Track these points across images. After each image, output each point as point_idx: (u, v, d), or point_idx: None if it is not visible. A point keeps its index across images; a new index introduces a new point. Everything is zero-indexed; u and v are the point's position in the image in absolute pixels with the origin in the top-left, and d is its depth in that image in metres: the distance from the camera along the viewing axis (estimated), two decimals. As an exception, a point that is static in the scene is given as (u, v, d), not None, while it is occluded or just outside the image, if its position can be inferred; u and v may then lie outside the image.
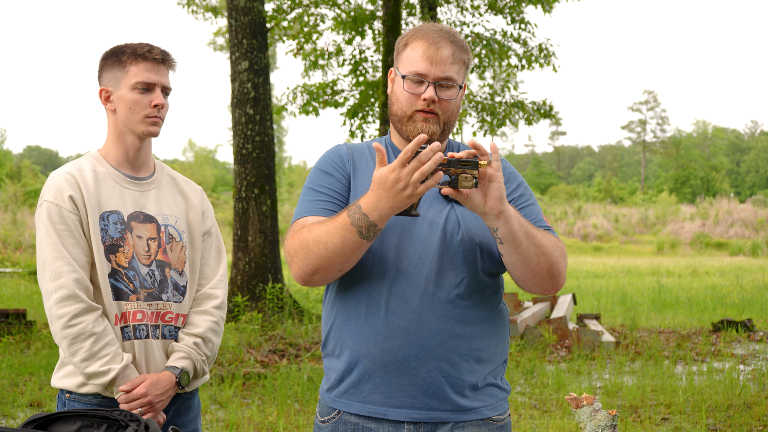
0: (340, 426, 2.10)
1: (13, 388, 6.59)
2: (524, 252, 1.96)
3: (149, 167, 2.52)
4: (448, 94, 2.06)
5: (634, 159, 78.00)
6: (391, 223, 2.04)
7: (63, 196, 2.32)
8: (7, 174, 41.03)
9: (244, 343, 8.21)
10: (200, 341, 2.44)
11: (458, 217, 2.06)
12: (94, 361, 2.27)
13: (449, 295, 2.02)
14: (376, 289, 2.04)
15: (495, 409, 2.10)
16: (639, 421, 5.92)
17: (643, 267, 21.84)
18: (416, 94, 2.05)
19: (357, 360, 2.06)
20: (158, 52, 2.40)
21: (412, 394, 2.03)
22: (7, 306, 11.03)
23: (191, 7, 13.88)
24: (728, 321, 10.43)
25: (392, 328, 2.02)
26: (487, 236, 2.06)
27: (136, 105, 2.38)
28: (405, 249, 2.04)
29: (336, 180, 2.11)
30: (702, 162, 64.46)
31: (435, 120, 2.06)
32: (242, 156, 10.08)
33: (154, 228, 2.43)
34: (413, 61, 2.05)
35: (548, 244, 1.99)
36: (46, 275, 2.29)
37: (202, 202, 2.59)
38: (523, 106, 11.82)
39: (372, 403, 2.06)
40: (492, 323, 2.10)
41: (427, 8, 11.16)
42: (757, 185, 64.73)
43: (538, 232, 2.00)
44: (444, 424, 2.04)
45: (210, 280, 2.54)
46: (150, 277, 2.39)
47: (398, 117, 2.09)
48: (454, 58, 2.05)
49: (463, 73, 2.10)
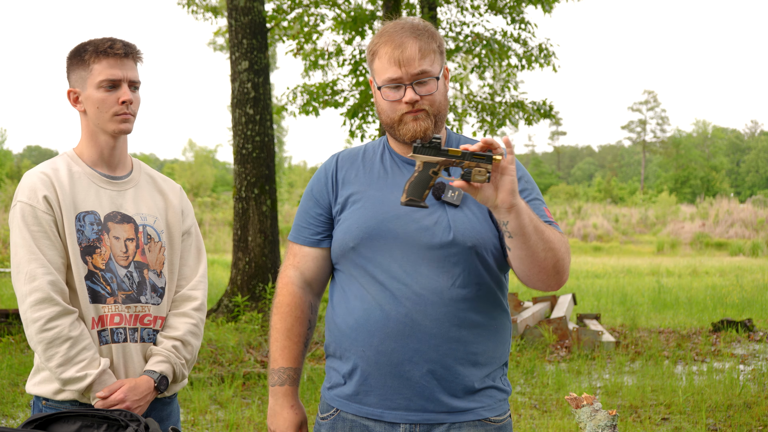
0: (338, 423, 2.12)
1: (13, 388, 6.59)
2: (533, 247, 1.93)
3: (126, 166, 2.44)
4: (427, 88, 2.05)
5: (634, 159, 78.00)
6: (383, 227, 2.06)
7: (37, 197, 2.25)
8: (7, 174, 41.01)
9: (244, 343, 8.21)
10: (179, 344, 2.38)
11: (449, 220, 2.04)
12: (70, 367, 2.20)
13: (441, 299, 2.02)
14: (370, 293, 2.06)
15: (493, 410, 2.09)
16: (639, 421, 5.92)
17: (643, 267, 21.83)
18: (397, 100, 2.05)
19: (354, 362, 2.08)
20: (120, 47, 2.31)
21: (407, 397, 2.03)
22: (7, 306, 11.02)
23: (191, 7, 13.89)
24: (728, 321, 10.42)
25: (386, 331, 2.03)
26: (481, 238, 2.04)
27: (103, 104, 2.31)
28: (395, 252, 2.04)
29: (319, 206, 2.20)
30: (702, 162, 64.44)
31: (424, 115, 2.06)
32: (242, 156, 10.08)
33: (132, 228, 2.36)
34: (383, 69, 2.06)
35: (555, 240, 1.97)
36: (21, 278, 2.22)
37: (182, 200, 2.52)
38: (523, 106, 11.82)
39: (368, 405, 2.07)
40: (490, 326, 2.08)
41: (427, 8, 11.15)
42: (757, 185, 64.72)
43: (546, 227, 1.98)
44: (440, 425, 2.04)
45: (189, 281, 2.47)
46: (128, 279, 2.33)
47: (389, 125, 2.10)
48: (422, 52, 2.05)
49: (438, 60, 2.09)
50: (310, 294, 2.24)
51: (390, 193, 2.10)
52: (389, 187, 2.11)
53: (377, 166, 2.17)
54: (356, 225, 2.09)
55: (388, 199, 2.09)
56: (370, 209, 2.09)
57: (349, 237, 2.10)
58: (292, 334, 2.22)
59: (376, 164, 2.17)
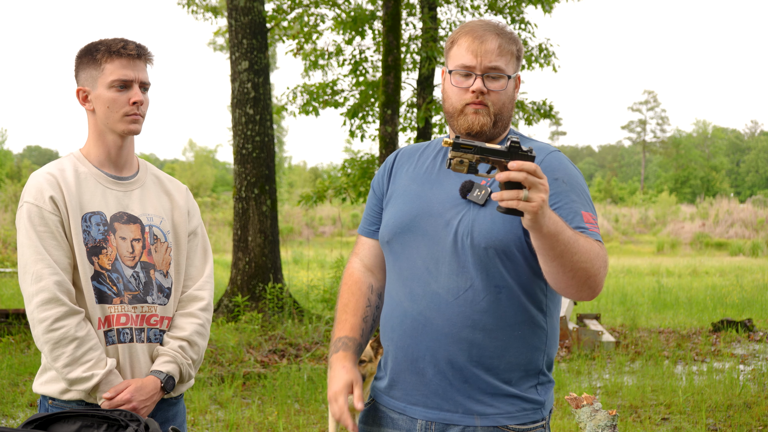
0: (371, 412, 2.19)
1: (13, 388, 6.59)
2: (556, 264, 1.85)
3: (133, 166, 2.45)
4: (497, 85, 2.04)
5: (634, 159, 77.98)
6: (414, 223, 2.07)
7: (44, 197, 2.26)
8: (7, 174, 40.99)
9: (244, 343, 8.21)
10: (186, 345, 2.38)
11: (472, 219, 2.00)
12: (76, 367, 2.21)
13: (458, 299, 2.00)
14: (395, 288, 2.10)
15: (513, 419, 2.03)
16: (639, 421, 5.92)
17: (643, 267, 21.82)
18: (464, 87, 2.04)
19: (386, 356, 2.15)
20: (133, 48, 2.32)
21: (424, 394, 2.05)
22: (7, 306, 11.02)
23: (191, 7, 13.87)
24: (728, 321, 10.42)
25: (404, 327, 2.06)
26: (500, 240, 1.98)
27: (114, 104, 2.31)
28: (421, 249, 2.05)
29: (376, 198, 2.26)
30: (702, 162, 64.42)
31: (486, 111, 2.04)
32: (242, 156, 10.08)
33: (138, 229, 2.37)
34: (459, 55, 2.05)
35: (587, 253, 1.86)
36: (27, 278, 2.23)
37: (188, 201, 2.52)
38: (523, 106, 11.81)
39: (395, 398, 2.11)
40: (511, 331, 2.02)
41: (427, 8, 11.15)
42: (757, 185, 64.71)
43: (580, 238, 1.87)
44: (454, 426, 2.03)
45: (196, 281, 2.48)
46: (135, 279, 2.33)
47: (450, 113, 2.09)
48: (501, 50, 2.04)
49: (514, 64, 2.08)
50: (371, 277, 2.26)
51: (429, 189, 2.09)
52: (430, 183, 2.11)
53: (429, 162, 2.17)
54: (393, 220, 2.12)
55: (426, 195, 2.09)
56: (407, 204, 2.10)
57: (385, 231, 2.13)
58: (348, 308, 2.22)
59: (429, 159, 2.18)
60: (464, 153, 1.77)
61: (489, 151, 1.77)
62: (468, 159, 1.77)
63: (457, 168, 1.78)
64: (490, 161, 1.77)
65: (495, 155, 1.77)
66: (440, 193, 2.07)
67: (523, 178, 1.72)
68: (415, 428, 2.06)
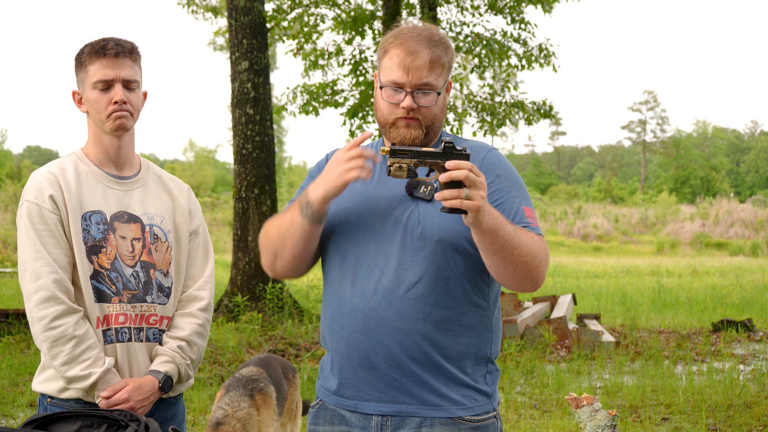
0: (321, 412, 2.18)
1: (13, 388, 6.59)
2: (497, 259, 1.96)
3: (134, 166, 2.45)
4: (426, 100, 2.08)
5: (634, 159, 77.98)
6: (358, 220, 2.10)
7: (43, 196, 2.26)
8: (7, 174, 40.98)
9: (244, 343, 8.21)
10: (185, 345, 2.38)
11: (419, 214, 2.06)
12: (74, 365, 2.21)
13: (408, 293, 2.04)
14: (342, 286, 2.11)
15: (468, 410, 2.08)
16: (639, 421, 5.92)
17: (643, 267, 21.83)
18: (395, 103, 2.08)
19: (332, 355, 2.14)
20: (111, 47, 2.32)
21: (378, 388, 2.07)
22: (7, 306, 11.03)
23: (191, 7, 13.88)
24: (728, 321, 10.43)
25: (354, 324, 2.07)
26: (450, 233, 2.05)
27: (97, 104, 2.33)
28: (369, 247, 2.08)
29: None
30: (702, 162, 64.43)
31: (417, 125, 2.09)
32: (242, 156, 10.09)
33: (139, 228, 2.37)
34: (390, 70, 2.08)
35: (527, 247, 1.96)
36: (26, 276, 2.24)
37: (189, 201, 2.52)
38: (523, 106, 11.81)
39: (345, 397, 2.11)
40: (461, 322, 2.07)
41: (427, 8, 11.15)
42: (757, 185, 64.71)
43: (521, 233, 1.96)
44: (411, 418, 2.06)
45: (196, 281, 2.48)
46: (134, 279, 2.33)
47: (382, 124, 2.14)
48: (432, 64, 2.07)
49: (444, 75, 2.12)
50: None
51: (374, 189, 2.13)
52: (374, 183, 2.14)
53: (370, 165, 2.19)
54: (338, 218, 2.13)
55: (371, 194, 2.12)
56: (352, 203, 2.13)
57: (331, 228, 2.14)
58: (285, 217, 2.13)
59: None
60: (402, 158, 1.88)
61: (425, 153, 1.88)
62: (406, 164, 1.88)
63: (397, 174, 1.88)
64: (427, 164, 1.88)
65: (431, 157, 1.87)
66: (386, 191, 2.11)
67: (465, 176, 1.81)
68: (370, 425, 2.07)
